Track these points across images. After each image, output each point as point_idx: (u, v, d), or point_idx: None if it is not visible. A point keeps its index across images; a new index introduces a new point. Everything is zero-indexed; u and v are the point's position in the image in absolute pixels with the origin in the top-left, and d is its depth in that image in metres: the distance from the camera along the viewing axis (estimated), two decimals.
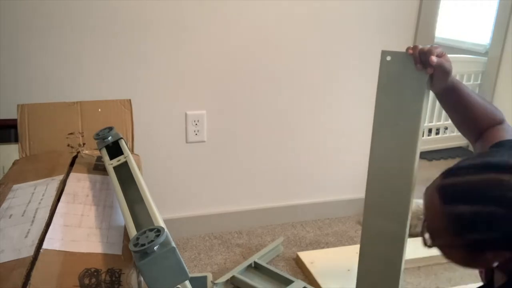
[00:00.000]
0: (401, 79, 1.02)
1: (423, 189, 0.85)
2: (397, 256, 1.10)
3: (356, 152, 1.94)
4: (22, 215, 0.84)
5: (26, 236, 0.77)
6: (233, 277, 1.47)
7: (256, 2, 1.61)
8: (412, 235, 1.76)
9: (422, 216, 0.85)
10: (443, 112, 2.79)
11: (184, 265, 0.64)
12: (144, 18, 1.52)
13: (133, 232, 0.72)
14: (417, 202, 1.94)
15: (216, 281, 1.44)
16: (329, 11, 1.70)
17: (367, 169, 1.12)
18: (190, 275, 0.66)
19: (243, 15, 1.61)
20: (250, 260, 1.56)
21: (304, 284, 1.44)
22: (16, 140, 1.24)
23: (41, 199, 0.89)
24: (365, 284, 1.20)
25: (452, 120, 1.05)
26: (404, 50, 1.06)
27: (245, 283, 1.44)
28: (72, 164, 1.06)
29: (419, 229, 1.13)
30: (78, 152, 1.14)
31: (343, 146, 1.91)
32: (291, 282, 1.44)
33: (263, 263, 1.55)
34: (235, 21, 1.61)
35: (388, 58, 1.03)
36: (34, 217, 0.83)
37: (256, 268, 1.55)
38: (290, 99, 1.77)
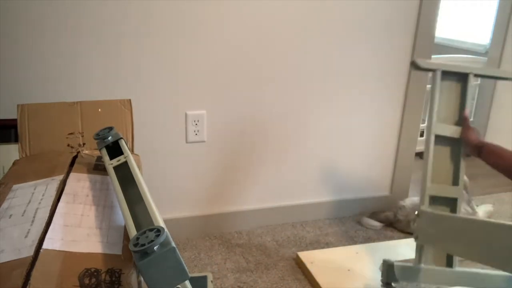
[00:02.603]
0: None
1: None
2: None
3: (356, 153, 1.94)
4: (22, 215, 0.84)
5: (26, 236, 0.77)
6: None
7: (257, 2, 1.61)
8: (410, 233, 1.77)
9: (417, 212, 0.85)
10: None
11: (184, 265, 0.64)
12: (144, 18, 1.52)
13: (133, 232, 0.72)
14: (413, 199, 1.95)
15: None
16: (329, 11, 1.70)
17: None
18: (190, 275, 0.66)
19: (244, 15, 1.61)
20: None
21: None
22: (16, 140, 1.24)
23: (41, 199, 0.89)
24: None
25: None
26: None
27: None
28: (72, 164, 1.06)
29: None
30: (78, 152, 1.13)
31: (343, 147, 1.91)
32: None
33: None
34: (236, 21, 1.62)
35: None
36: (34, 217, 0.83)
37: None
38: (289, 100, 1.77)
